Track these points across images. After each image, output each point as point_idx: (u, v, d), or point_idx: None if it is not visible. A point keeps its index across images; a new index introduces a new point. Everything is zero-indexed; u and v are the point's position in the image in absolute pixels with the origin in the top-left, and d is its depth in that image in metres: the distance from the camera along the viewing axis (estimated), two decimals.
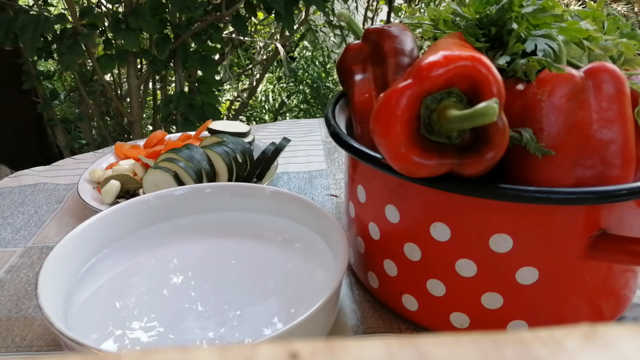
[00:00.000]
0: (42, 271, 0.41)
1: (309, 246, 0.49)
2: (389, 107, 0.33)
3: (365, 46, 0.48)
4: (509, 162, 0.36)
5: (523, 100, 0.36)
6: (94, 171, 0.71)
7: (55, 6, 2.00)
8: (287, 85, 2.80)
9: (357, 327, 0.46)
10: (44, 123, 1.78)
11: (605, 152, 0.35)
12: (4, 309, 0.50)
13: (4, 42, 1.33)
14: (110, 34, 1.47)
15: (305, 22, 2.33)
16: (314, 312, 0.36)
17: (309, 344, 0.12)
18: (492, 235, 0.36)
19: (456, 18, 0.44)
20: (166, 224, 0.53)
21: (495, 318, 0.39)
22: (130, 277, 0.47)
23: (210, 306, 0.43)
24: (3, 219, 0.67)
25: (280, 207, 0.53)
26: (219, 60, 1.90)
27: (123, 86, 1.96)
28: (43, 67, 2.43)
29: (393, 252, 0.42)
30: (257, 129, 0.98)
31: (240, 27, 1.56)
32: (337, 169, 0.77)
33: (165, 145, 0.76)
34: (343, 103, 0.51)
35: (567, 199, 0.33)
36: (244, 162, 0.69)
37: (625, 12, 3.19)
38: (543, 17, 0.39)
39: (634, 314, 0.45)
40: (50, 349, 0.45)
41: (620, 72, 0.35)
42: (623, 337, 0.12)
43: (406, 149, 0.33)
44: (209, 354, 0.12)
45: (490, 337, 0.12)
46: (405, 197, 0.40)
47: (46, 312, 0.36)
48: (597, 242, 0.36)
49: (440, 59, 0.32)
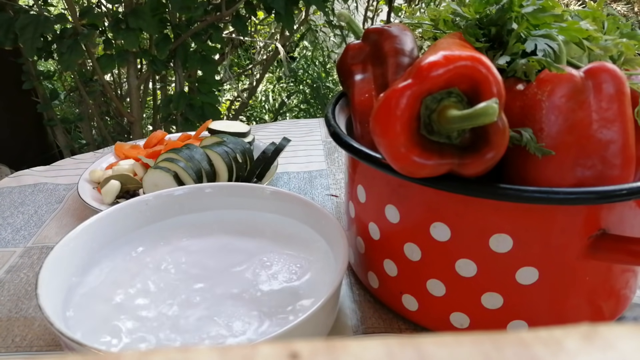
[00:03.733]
0: (42, 271, 0.41)
1: (309, 246, 0.49)
2: (389, 107, 0.33)
3: (365, 46, 0.48)
4: (509, 162, 0.36)
5: (523, 100, 0.36)
6: (94, 171, 0.71)
7: (55, 6, 2.00)
8: (287, 85, 2.80)
9: (357, 327, 0.46)
10: (44, 123, 1.78)
11: (605, 152, 0.35)
12: (4, 309, 0.50)
13: (4, 42, 1.33)
14: (110, 34, 1.47)
15: (305, 22, 2.33)
16: (314, 312, 0.36)
17: (309, 344, 0.12)
18: (492, 235, 0.36)
19: (456, 18, 0.44)
20: (166, 223, 0.53)
21: (495, 318, 0.39)
22: (130, 276, 0.47)
23: (210, 305, 0.43)
24: (3, 219, 0.67)
25: (280, 207, 0.53)
26: (219, 60, 1.90)
27: (123, 86, 1.96)
28: (43, 67, 2.43)
29: (393, 252, 0.42)
30: (257, 129, 0.98)
31: (240, 27, 1.56)
32: (337, 169, 0.77)
33: (165, 145, 0.76)
34: (343, 103, 0.51)
35: (567, 199, 0.33)
36: (244, 162, 0.69)
37: (625, 12, 3.19)
38: (543, 17, 0.39)
39: (634, 314, 0.45)
40: (50, 349, 0.45)
41: (620, 72, 0.35)
42: (623, 337, 0.12)
43: (406, 149, 0.33)
44: (209, 354, 0.12)
45: (490, 337, 0.12)
46: (405, 197, 0.40)
47: (46, 312, 0.36)
48: (597, 242, 0.36)
49: (440, 59, 0.32)
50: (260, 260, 0.49)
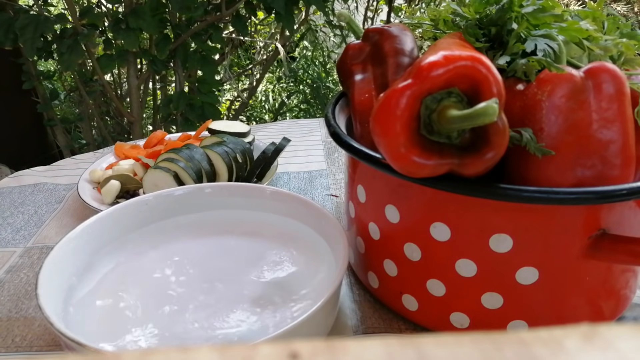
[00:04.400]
0: (42, 271, 0.41)
1: (309, 246, 0.49)
2: (389, 107, 0.33)
3: (365, 46, 0.48)
4: (509, 162, 0.36)
5: (523, 100, 0.36)
6: (94, 171, 0.71)
7: (55, 6, 2.00)
8: (287, 85, 2.80)
9: (357, 327, 0.46)
10: (44, 123, 1.78)
11: (605, 152, 0.35)
12: (4, 309, 0.50)
13: (4, 42, 1.33)
14: (110, 34, 1.47)
15: (305, 22, 2.33)
16: (314, 312, 0.36)
17: (309, 344, 0.12)
18: (492, 235, 0.36)
19: (456, 18, 0.44)
20: (166, 223, 0.53)
21: (495, 318, 0.39)
22: (130, 275, 0.47)
23: (210, 305, 0.43)
24: (3, 219, 0.67)
25: (280, 207, 0.53)
26: (219, 60, 1.90)
27: (123, 86, 1.96)
28: (43, 67, 2.42)
29: (393, 252, 0.42)
30: (257, 129, 0.98)
31: (240, 27, 1.56)
32: (337, 169, 0.77)
33: (165, 145, 0.76)
34: (343, 103, 0.51)
35: (567, 199, 0.33)
36: (244, 162, 0.69)
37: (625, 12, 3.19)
38: (543, 17, 0.39)
39: (634, 314, 0.45)
40: (50, 349, 0.45)
41: (620, 72, 0.35)
42: (623, 337, 0.12)
43: (406, 149, 0.33)
44: (209, 354, 0.12)
45: (490, 337, 0.12)
46: (405, 197, 0.40)
47: (46, 312, 0.36)
48: (597, 242, 0.36)
49: (440, 59, 0.32)
50: (260, 260, 0.49)
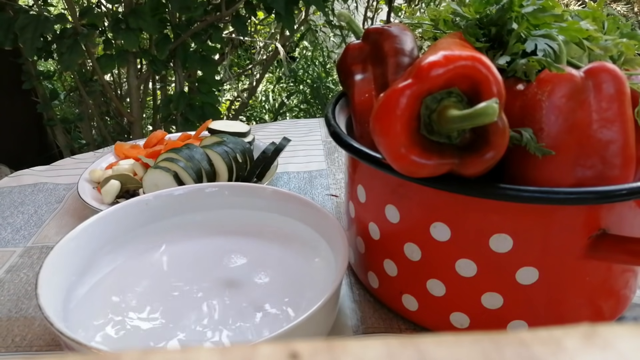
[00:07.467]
0: (42, 271, 0.41)
1: (309, 246, 0.49)
2: (389, 107, 0.33)
3: (365, 46, 0.48)
4: (509, 162, 0.36)
5: (523, 100, 0.36)
6: (94, 171, 0.71)
7: (55, 6, 2.00)
8: (287, 85, 2.80)
9: (357, 327, 0.46)
10: (44, 123, 1.78)
11: (605, 152, 0.35)
12: (4, 309, 0.50)
13: (4, 42, 1.33)
14: (110, 34, 1.47)
15: (305, 22, 2.33)
16: (314, 312, 0.36)
17: (309, 344, 0.12)
18: (492, 235, 0.36)
19: (456, 18, 0.44)
20: (166, 223, 0.53)
21: (495, 318, 0.39)
22: (130, 275, 0.47)
23: (210, 305, 0.43)
24: (3, 219, 0.67)
25: (280, 207, 0.53)
26: (219, 60, 1.90)
27: (123, 86, 1.95)
28: (43, 67, 2.43)
29: (393, 252, 0.42)
30: (257, 129, 0.98)
31: (240, 27, 1.55)
32: (337, 169, 0.77)
33: (165, 145, 0.76)
34: (343, 103, 0.51)
35: (567, 199, 0.33)
36: (244, 162, 0.69)
37: (625, 12, 3.19)
38: (543, 17, 0.39)
39: (634, 314, 0.45)
40: (50, 349, 0.45)
41: (620, 72, 0.35)
42: (623, 337, 0.12)
43: (406, 149, 0.33)
44: (209, 354, 0.12)
45: (490, 337, 0.12)
46: (405, 197, 0.40)
47: (46, 312, 0.36)
48: (597, 242, 0.36)
49: (440, 59, 0.32)
50: (260, 260, 0.49)
